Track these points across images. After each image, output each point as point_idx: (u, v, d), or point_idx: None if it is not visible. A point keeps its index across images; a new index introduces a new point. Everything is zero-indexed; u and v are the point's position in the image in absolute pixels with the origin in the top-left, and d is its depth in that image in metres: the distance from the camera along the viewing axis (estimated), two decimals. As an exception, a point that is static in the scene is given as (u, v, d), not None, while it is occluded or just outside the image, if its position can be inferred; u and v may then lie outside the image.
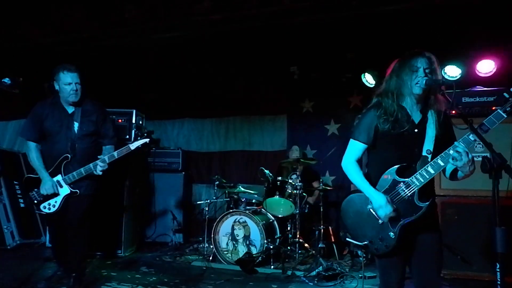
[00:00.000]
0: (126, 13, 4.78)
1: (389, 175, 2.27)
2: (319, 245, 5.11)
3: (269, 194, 5.37)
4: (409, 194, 2.22)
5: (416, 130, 2.27)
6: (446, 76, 4.92)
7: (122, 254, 5.34)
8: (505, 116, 2.13)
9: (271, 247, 4.88)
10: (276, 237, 5.12)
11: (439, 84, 2.25)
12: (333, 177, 6.37)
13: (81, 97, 3.77)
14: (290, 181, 5.41)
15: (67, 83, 3.65)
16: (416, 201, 2.21)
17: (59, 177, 3.74)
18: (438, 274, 2.35)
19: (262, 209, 5.33)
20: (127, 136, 5.42)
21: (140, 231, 6.25)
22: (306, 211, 5.47)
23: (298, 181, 5.25)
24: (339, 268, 4.59)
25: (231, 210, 5.21)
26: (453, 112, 4.10)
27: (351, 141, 2.41)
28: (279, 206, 5.27)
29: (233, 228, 5.08)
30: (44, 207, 3.77)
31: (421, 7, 4.45)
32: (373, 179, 2.33)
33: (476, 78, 5.10)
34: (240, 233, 5.05)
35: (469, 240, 4.33)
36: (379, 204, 2.22)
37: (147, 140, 3.73)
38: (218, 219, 5.16)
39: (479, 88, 4.63)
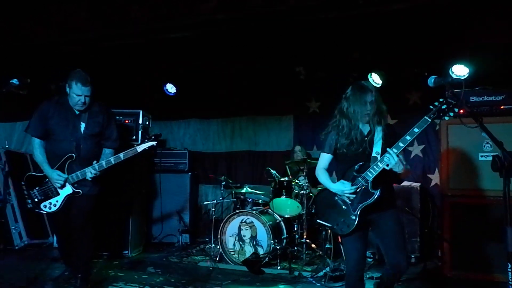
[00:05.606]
0: (131, 13, 4.78)
1: (351, 171, 2.90)
2: (326, 246, 5.06)
3: (276, 195, 5.34)
4: (365, 184, 2.82)
5: (366, 139, 2.94)
6: (453, 76, 4.87)
7: (129, 254, 5.36)
8: (430, 120, 2.68)
9: (278, 247, 4.86)
10: (283, 237, 5.10)
11: (447, 83, 2.48)
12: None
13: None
14: (297, 181, 5.38)
15: (77, 94, 3.70)
16: (370, 189, 2.81)
17: None
18: (401, 245, 2.92)
19: (269, 210, 5.31)
20: (134, 137, 5.42)
21: (147, 231, 6.26)
22: (313, 211, 5.44)
23: (305, 182, 5.21)
24: (346, 269, 4.56)
25: (237, 211, 5.20)
26: (461, 111, 4.08)
27: (321, 153, 3.18)
28: (286, 207, 5.24)
29: (239, 229, 5.07)
30: (45, 206, 3.77)
31: (427, 5, 4.42)
32: (340, 176, 3.01)
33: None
34: (247, 233, 5.04)
35: (478, 241, 4.28)
36: (340, 189, 2.88)
37: (154, 143, 3.72)
38: (224, 220, 5.15)
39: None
